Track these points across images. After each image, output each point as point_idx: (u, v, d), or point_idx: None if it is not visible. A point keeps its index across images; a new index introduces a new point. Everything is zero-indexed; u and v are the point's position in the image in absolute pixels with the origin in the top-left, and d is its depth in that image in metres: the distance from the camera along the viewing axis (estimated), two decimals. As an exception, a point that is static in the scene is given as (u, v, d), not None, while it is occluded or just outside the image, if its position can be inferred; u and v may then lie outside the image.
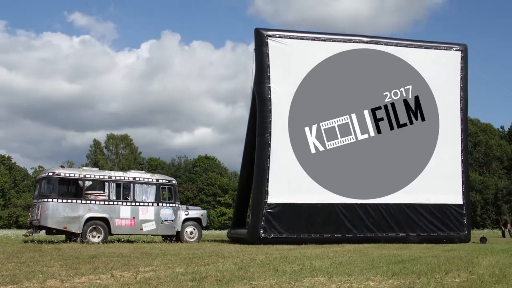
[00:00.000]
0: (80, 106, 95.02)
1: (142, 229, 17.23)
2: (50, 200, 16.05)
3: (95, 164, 61.92)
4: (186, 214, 18.38)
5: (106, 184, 17.01)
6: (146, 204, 17.40)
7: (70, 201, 16.36)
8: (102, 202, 16.73)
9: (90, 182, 16.98)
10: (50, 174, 16.57)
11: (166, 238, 18.69)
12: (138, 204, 17.27)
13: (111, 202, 16.88)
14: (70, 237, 16.59)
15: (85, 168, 18.77)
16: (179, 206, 18.38)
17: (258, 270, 7.87)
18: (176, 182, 18.96)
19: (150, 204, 17.49)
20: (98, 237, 16.40)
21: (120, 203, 16.98)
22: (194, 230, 18.45)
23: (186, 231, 18.25)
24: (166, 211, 17.75)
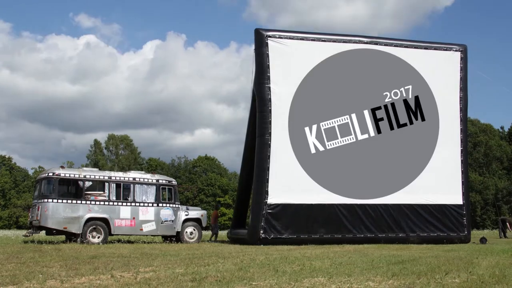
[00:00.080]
0: (81, 107, 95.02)
1: (142, 229, 17.23)
2: (50, 200, 16.05)
3: (95, 164, 61.86)
4: (186, 215, 18.38)
5: (106, 184, 17.01)
6: (146, 204, 17.40)
7: (70, 201, 16.36)
8: (102, 203, 16.72)
9: (90, 183, 16.98)
10: (50, 174, 16.57)
11: (166, 238, 18.69)
12: (138, 204, 17.27)
13: (111, 203, 16.88)
14: (70, 237, 16.59)
15: (85, 168, 18.76)
16: (179, 206, 18.37)
17: (258, 271, 7.87)
18: (176, 183, 18.97)
19: (150, 204, 17.49)
20: (98, 237, 16.40)
21: (120, 204, 16.98)
22: (194, 230, 18.45)
23: (186, 232, 18.25)
24: (166, 212, 17.75)
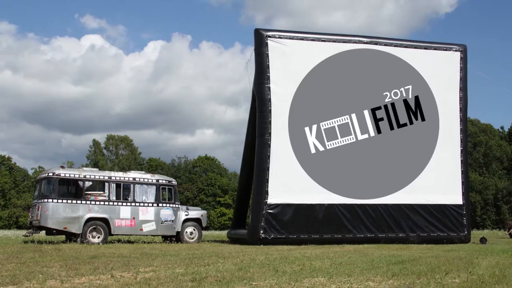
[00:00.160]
0: (82, 107, 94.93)
1: (142, 229, 17.23)
2: (50, 200, 16.04)
3: (95, 164, 61.83)
4: (186, 215, 18.38)
5: (106, 184, 17.01)
6: (146, 204, 17.40)
7: (70, 201, 16.35)
8: (102, 203, 16.72)
9: (90, 183, 16.97)
10: (50, 174, 16.56)
11: (166, 238, 18.69)
12: (138, 204, 17.26)
13: (111, 203, 16.88)
14: (70, 237, 16.58)
15: (85, 168, 18.77)
16: (179, 206, 18.37)
17: (258, 271, 7.87)
18: (176, 183, 18.97)
19: (150, 204, 17.48)
20: (98, 237, 16.40)
21: (120, 204, 16.98)
22: (194, 230, 18.44)
23: (186, 232, 18.24)
24: (166, 212, 17.75)
